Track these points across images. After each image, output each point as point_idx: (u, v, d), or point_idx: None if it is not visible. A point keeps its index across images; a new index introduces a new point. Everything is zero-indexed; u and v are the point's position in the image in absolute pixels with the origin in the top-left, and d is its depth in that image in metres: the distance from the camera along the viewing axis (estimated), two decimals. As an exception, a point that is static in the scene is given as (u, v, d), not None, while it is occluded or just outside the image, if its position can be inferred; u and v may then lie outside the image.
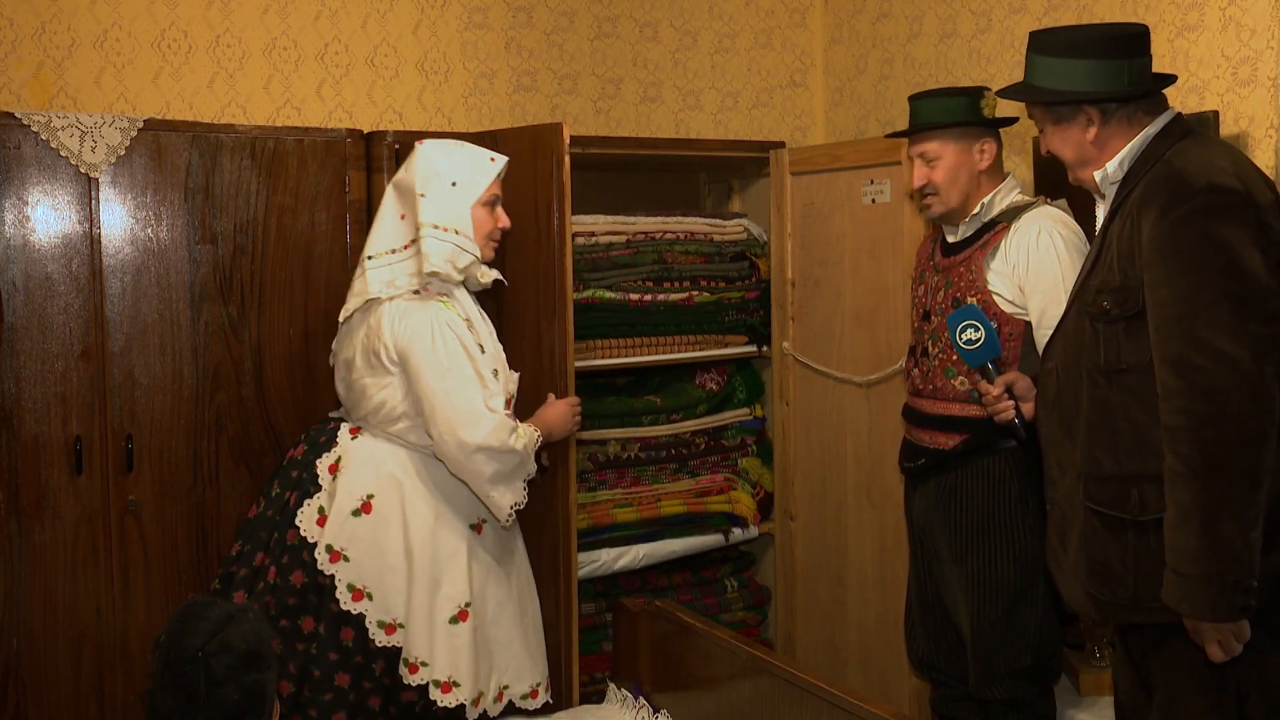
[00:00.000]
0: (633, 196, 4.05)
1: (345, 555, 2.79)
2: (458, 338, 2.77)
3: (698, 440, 3.98)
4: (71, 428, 3.01)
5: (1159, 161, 2.22)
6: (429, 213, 2.81)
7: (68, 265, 3.01)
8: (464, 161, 2.89)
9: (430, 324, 2.76)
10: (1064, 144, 2.37)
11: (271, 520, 2.88)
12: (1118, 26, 2.37)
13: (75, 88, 3.34)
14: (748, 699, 2.83)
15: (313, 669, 2.77)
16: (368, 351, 2.84)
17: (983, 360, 2.67)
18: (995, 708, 2.86)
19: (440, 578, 2.81)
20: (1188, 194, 2.12)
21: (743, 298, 3.96)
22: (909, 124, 2.98)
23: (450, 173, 2.86)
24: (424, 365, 2.75)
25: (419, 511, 2.82)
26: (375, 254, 2.88)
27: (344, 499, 2.81)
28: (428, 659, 2.78)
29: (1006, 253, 2.81)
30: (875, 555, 3.63)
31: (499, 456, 2.75)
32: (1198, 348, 2.06)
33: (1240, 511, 2.04)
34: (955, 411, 2.84)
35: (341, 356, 2.96)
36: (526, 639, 2.96)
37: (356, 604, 2.78)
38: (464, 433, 2.72)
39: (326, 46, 3.63)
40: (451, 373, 2.75)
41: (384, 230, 2.90)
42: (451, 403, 2.73)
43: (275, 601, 2.79)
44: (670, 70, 4.15)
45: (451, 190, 2.85)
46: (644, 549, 3.75)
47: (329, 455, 2.89)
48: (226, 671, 1.91)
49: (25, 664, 2.97)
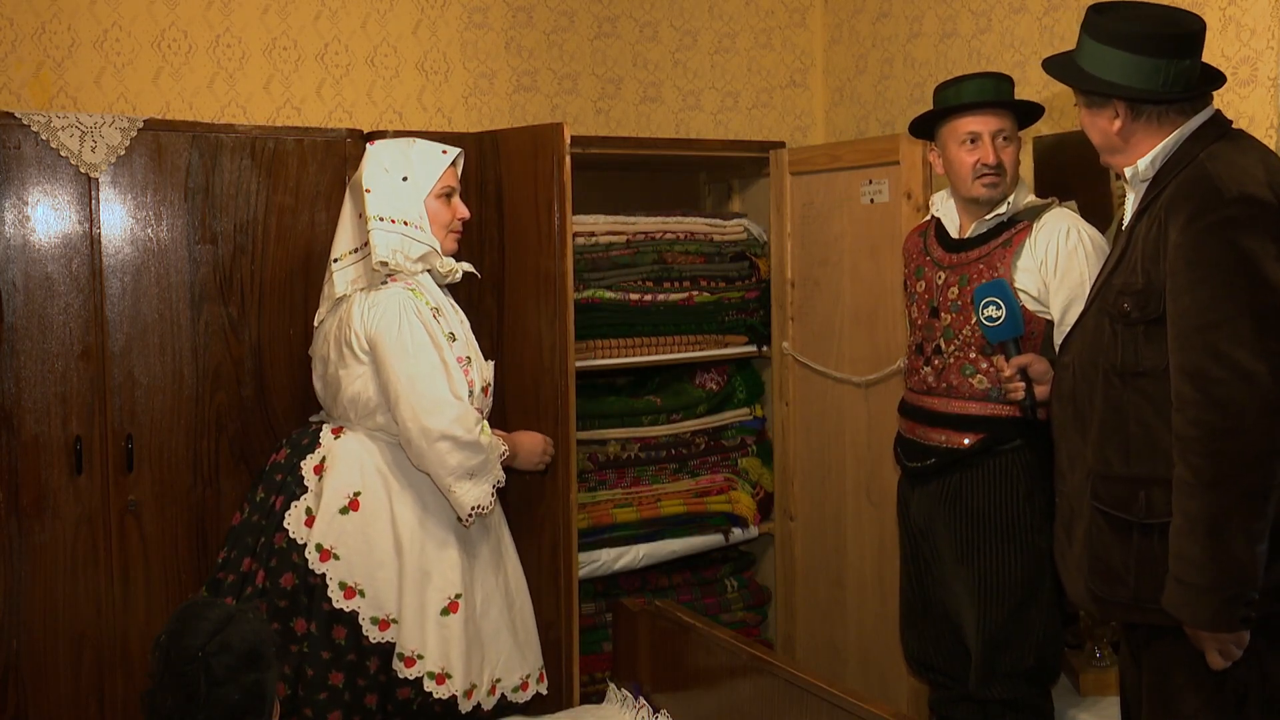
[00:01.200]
0: (633, 196, 4.04)
1: (335, 553, 2.79)
2: (424, 325, 2.79)
3: (698, 440, 3.98)
4: (71, 428, 3.01)
5: (1192, 163, 2.18)
6: (374, 206, 2.85)
7: (68, 265, 3.01)
8: (414, 156, 2.94)
9: (398, 311, 2.78)
10: (1091, 128, 2.34)
11: (257, 525, 2.89)
12: (1173, 20, 2.25)
13: (75, 88, 3.33)
14: (748, 699, 2.82)
15: (306, 669, 2.77)
16: (340, 342, 2.86)
17: (1003, 338, 2.66)
18: (994, 708, 2.86)
19: (430, 570, 2.82)
20: (1217, 203, 2.09)
21: (743, 298, 3.96)
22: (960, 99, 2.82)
23: (399, 168, 2.91)
24: (390, 351, 2.77)
25: (406, 506, 2.83)
26: (339, 256, 2.93)
27: (331, 498, 2.81)
28: (422, 651, 2.79)
29: (1033, 249, 2.78)
30: (874, 555, 3.63)
31: (463, 447, 2.75)
32: (1216, 360, 2.05)
33: (1247, 525, 2.03)
34: (973, 410, 2.81)
35: (318, 355, 2.98)
36: (515, 631, 2.97)
37: (349, 601, 2.78)
38: (427, 419, 2.73)
39: (326, 46, 3.63)
40: (417, 358, 2.76)
41: (344, 232, 2.95)
42: (415, 388, 2.74)
43: (266, 606, 2.79)
44: (670, 70, 4.15)
45: (402, 185, 2.89)
46: (644, 549, 3.75)
47: (313, 456, 2.89)
48: (226, 671, 1.91)
49: (25, 664, 2.97)
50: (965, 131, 2.83)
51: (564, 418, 3.10)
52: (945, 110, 2.86)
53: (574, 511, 3.13)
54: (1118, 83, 2.23)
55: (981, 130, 2.82)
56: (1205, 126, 2.24)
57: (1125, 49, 2.21)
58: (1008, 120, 2.83)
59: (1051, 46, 3.39)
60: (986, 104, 2.82)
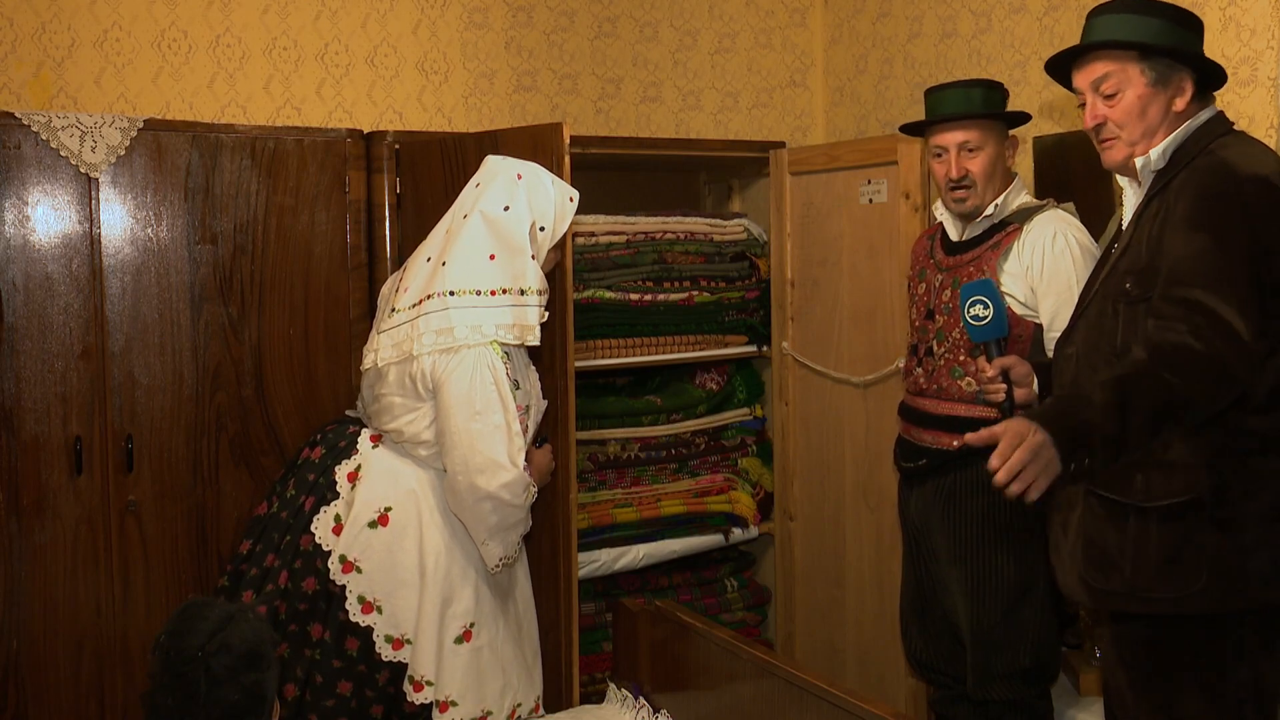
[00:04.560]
0: (633, 196, 4.05)
1: (358, 566, 2.76)
2: (495, 382, 2.68)
3: (698, 440, 3.98)
4: (71, 428, 3.01)
5: (1203, 153, 2.18)
6: (532, 276, 2.71)
7: (68, 265, 3.01)
8: (555, 199, 2.79)
9: (472, 364, 2.67)
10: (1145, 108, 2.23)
11: (285, 522, 2.85)
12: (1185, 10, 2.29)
13: (75, 88, 3.34)
14: (748, 699, 2.83)
15: (315, 675, 2.77)
16: (403, 373, 2.76)
17: (986, 339, 2.66)
18: (993, 708, 2.86)
19: (451, 596, 2.78)
20: (1230, 181, 2.10)
21: (743, 298, 3.96)
22: (934, 113, 2.90)
23: (542, 211, 2.77)
24: (456, 403, 2.67)
25: (436, 528, 2.79)
26: (458, 290, 2.71)
27: (361, 509, 2.78)
28: (433, 678, 2.77)
29: (1020, 254, 2.79)
30: (873, 556, 3.63)
31: (505, 509, 2.72)
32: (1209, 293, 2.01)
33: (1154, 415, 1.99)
34: (961, 412, 2.83)
35: (375, 364, 2.83)
36: (524, 657, 2.96)
37: (365, 616, 2.76)
38: (479, 477, 2.68)
39: (326, 46, 3.63)
40: (481, 417, 2.67)
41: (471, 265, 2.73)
42: (474, 445, 2.67)
43: (286, 607, 2.78)
44: (670, 70, 4.15)
45: (539, 234, 2.77)
46: (644, 549, 3.75)
47: (348, 463, 2.85)
48: (226, 671, 1.91)
49: (25, 664, 2.97)
50: (934, 145, 2.90)
51: (564, 418, 3.10)
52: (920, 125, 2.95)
53: (574, 511, 3.13)
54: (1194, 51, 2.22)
55: (947, 144, 2.86)
56: (1211, 122, 2.26)
57: (1185, 27, 2.22)
58: (974, 131, 2.84)
59: (1052, 46, 3.38)
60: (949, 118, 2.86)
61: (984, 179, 2.84)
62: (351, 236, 3.31)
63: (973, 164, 2.83)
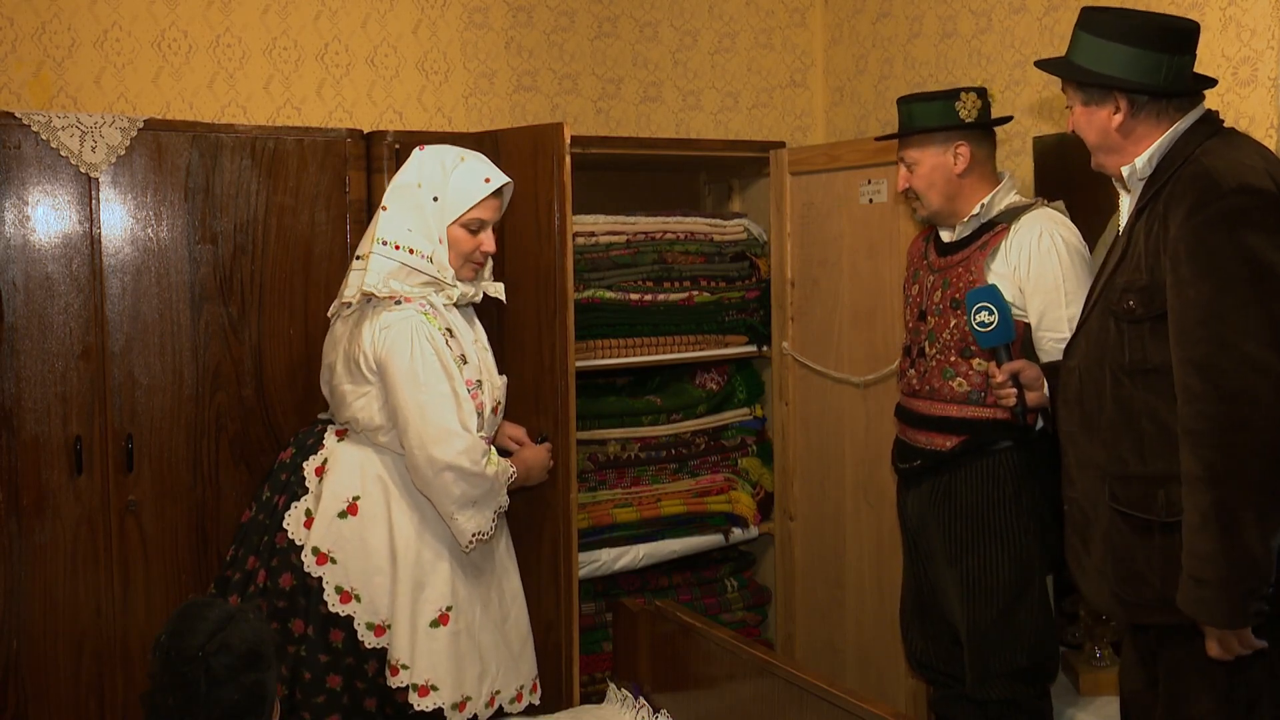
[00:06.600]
0: (633, 196, 4.04)
1: (332, 557, 2.78)
2: (436, 351, 2.73)
3: (698, 440, 3.98)
4: (71, 428, 3.01)
5: (1188, 160, 2.18)
6: (384, 227, 2.80)
7: (68, 265, 3.01)
8: (454, 178, 2.82)
9: (410, 336, 2.72)
10: (1089, 126, 2.33)
11: (262, 524, 2.89)
12: (1169, 19, 2.30)
13: (75, 88, 3.34)
14: (748, 699, 2.83)
15: (303, 671, 2.77)
16: (349, 358, 2.82)
17: (994, 344, 2.66)
18: (993, 708, 2.86)
19: (424, 580, 2.80)
20: (1216, 194, 2.09)
21: (743, 298, 3.96)
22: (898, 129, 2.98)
23: (433, 185, 2.81)
24: (401, 378, 2.72)
25: (404, 514, 2.81)
26: (362, 254, 2.85)
27: (330, 501, 2.81)
28: (408, 662, 2.78)
29: (1007, 254, 2.81)
30: (873, 556, 3.63)
31: (468, 478, 2.73)
32: (1224, 351, 2.04)
33: (1261, 517, 2.02)
34: (953, 413, 2.84)
35: (326, 359, 2.96)
36: (509, 643, 2.96)
37: (344, 606, 2.78)
38: (434, 449, 2.70)
39: (326, 46, 3.63)
40: (427, 387, 2.72)
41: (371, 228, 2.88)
42: (425, 417, 2.71)
43: (267, 605, 2.79)
44: (670, 70, 4.15)
45: (430, 205, 2.80)
46: (644, 549, 3.75)
47: (315, 458, 2.89)
48: (226, 671, 1.91)
49: (25, 664, 2.97)
50: (897, 157, 3.00)
51: (564, 418, 3.10)
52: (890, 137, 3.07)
53: (574, 511, 3.13)
54: (1120, 76, 2.24)
55: (902, 157, 2.97)
56: (1199, 124, 2.26)
57: (1127, 42, 2.23)
58: (909, 148, 2.92)
59: (1051, 46, 3.39)
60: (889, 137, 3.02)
61: (925, 189, 2.91)
62: (352, 236, 3.31)
63: (913, 179, 2.92)
